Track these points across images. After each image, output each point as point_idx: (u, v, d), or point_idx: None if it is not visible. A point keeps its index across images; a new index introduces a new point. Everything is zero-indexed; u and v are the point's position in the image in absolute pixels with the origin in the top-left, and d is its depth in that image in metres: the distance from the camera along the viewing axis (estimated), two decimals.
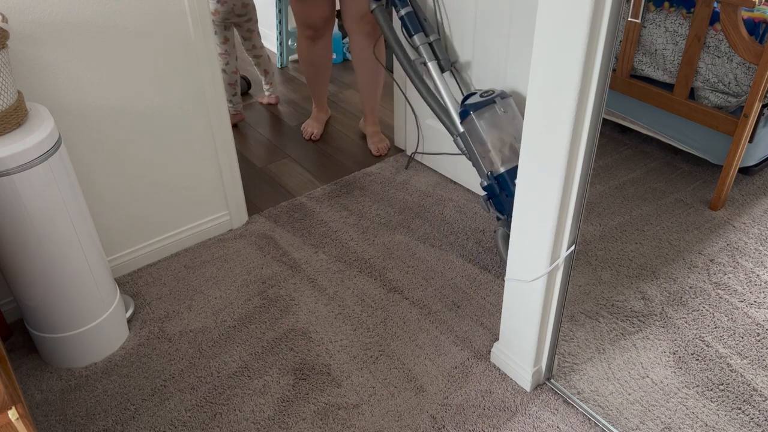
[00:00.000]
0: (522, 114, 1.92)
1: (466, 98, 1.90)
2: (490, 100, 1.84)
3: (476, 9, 1.98)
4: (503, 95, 1.87)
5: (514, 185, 1.77)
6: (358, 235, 2.11)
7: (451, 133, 1.95)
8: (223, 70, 2.74)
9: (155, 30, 1.71)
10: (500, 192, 1.84)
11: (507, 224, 1.87)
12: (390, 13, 2.09)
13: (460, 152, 1.97)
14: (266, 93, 3.03)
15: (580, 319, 1.77)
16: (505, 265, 1.79)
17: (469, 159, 1.92)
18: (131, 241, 1.95)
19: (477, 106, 1.83)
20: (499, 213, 1.89)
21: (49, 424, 1.51)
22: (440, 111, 1.96)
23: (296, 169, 2.50)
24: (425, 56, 1.98)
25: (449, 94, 1.95)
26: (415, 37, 1.98)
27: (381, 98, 2.90)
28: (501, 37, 1.96)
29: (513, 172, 1.80)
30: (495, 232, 1.94)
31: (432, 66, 1.98)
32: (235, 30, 2.77)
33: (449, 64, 2.02)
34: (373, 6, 2.04)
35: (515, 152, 1.83)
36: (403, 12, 1.98)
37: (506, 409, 1.53)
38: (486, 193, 1.88)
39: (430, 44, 1.99)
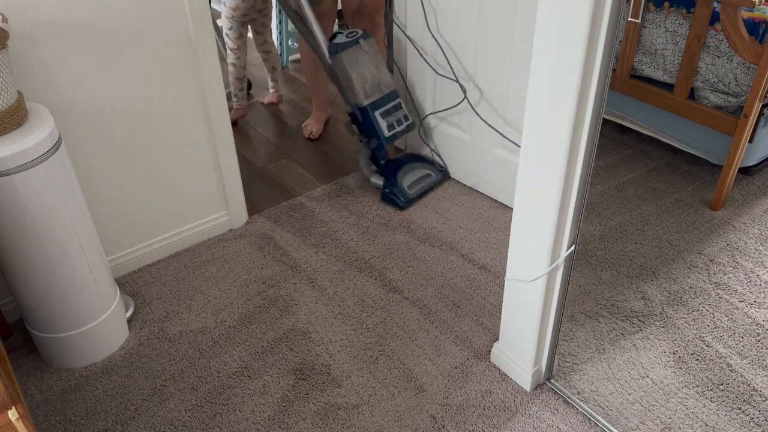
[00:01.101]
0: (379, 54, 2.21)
1: (333, 36, 2.16)
2: (355, 40, 2.13)
3: (479, 9, 1.98)
4: (365, 36, 2.15)
5: (375, 116, 2.15)
6: (358, 235, 2.11)
7: (325, 63, 2.16)
8: (233, 65, 2.78)
9: (155, 30, 1.71)
10: (363, 119, 2.16)
11: (367, 144, 2.24)
12: None
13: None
14: (270, 90, 3.04)
15: (580, 319, 1.77)
16: (366, 179, 2.31)
17: (338, 87, 2.19)
18: (131, 241, 1.95)
19: (343, 46, 2.11)
20: (361, 135, 2.23)
21: (49, 424, 1.51)
22: (313, 41, 2.15)
23: (296, 169, 2.50)
24: None
25: (318, 29, 2.13)
26: None
27: None
28: (503, 37, 1.96)
29: (373, 105, 2.15)
30: (358, 152, 2.30)
31: (303, 1, 2.14)
32: (249, 26, 2.81)
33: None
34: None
35: (376, 87, 2.17)
36: None
37: (506, 409, 1.53)
38: (350, 119, 2.22)
39: None
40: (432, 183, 2.31)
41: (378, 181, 2.27)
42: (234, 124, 2.87)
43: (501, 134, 2.10)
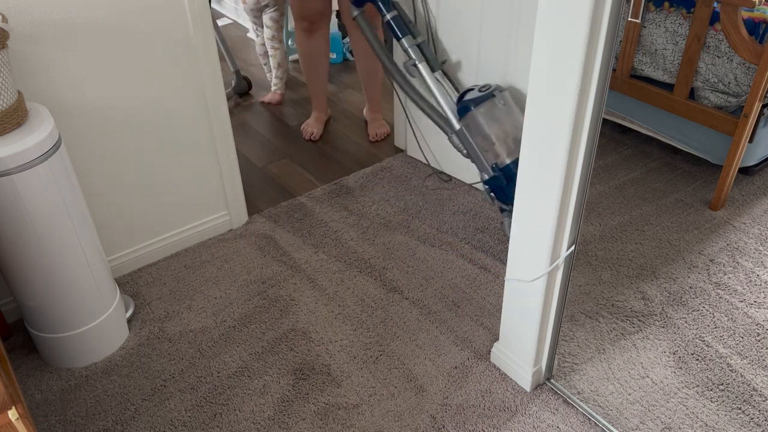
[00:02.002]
0: (519, 107, 1.95)
1: (462, 95, 1.92)
2: (490, 93, 1.87)
3: (482, 10, 1.98)
4: (500, 89, 1.91)
5: None
6: (358, 235, 2.11)
7: (446, 132, 1.97)
8: (272, 54, 3.00)
9: (155, 30, 1.71)
10: (507, 183, 1.87)
11: (511, 213, 1.86)
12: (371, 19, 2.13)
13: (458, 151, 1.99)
14: (273, 87, 3.07)
15: (580, 319, 1.77)
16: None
17: (467, 156, 1.95)
18: (131, 241, 1.95)
19: (477, 101, 1.86)
20: (503, 204, 1.93)
21: (49, 424, 1.51)
22: (432, 111, 1.99)
23: (296, 169, 2.50)
24: (415, 57, 1.99)
25: (442, 93, 1.97)
26: (404, 40, 1.99)
27: (382, 98, 2.90)
28: (505, 36, 1.96)
29: (518, 163, 1.81)
30: (502, 223, 1.97)
31: (422, 67, 2.00)
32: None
33: (438, 64, 2.03)
34: (356, 13, 2.07)
35: (518, 143, 1.85)
36: (389, 16, 2.00)
37: (506, 409, 1.53)
38: (488, 186, 1.91)
39: (418, 45, 2.01)
40: None
41: None
42: (268, 103, 3.05)
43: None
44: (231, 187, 2.09)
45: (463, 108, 1.88)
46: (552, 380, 1.59)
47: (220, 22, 4.05)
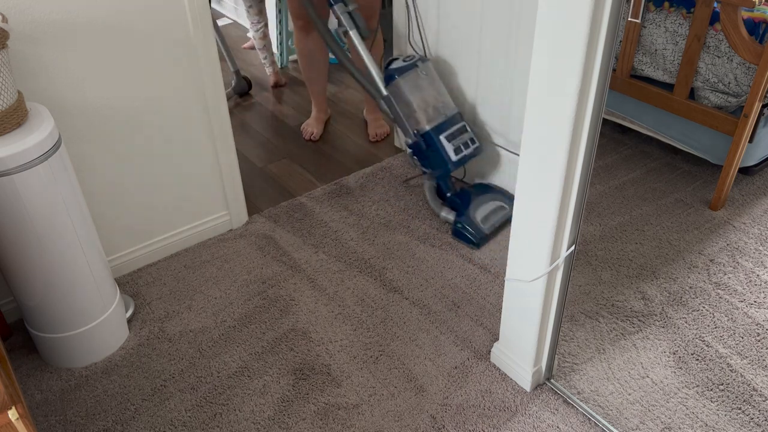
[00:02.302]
0: (441, 77, 2.14)
1: (388, 64, 2.06)
2: (413, 64, 2.02)
3: (482, 12, 1.98)
4: (423, 59, 2.06)
5: (440, 140, 2.00)
6: (358, 235, 2.11)
7: (374, 97, 2.09)
8: (253, 37, 3.11)
9: (155, 30, 1.71)
10: (427, 148, 2.01)
11: (431, 177, 2.10)
12: None
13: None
14: (268, 72, 3.19)
15: (580, 319, 1.77)
16: (436, 214, 2.12)
17: (393, 120, 2.09)
18: (131, 241, 1.95)
19: (401, 71, 2.01)
20: (425, 168, 2.08)
21: (49, 424, 1.51)
22: (362, 77, 2.09)
23: (296, 169, 2.50)
24: (346, 25, 2.08)
25: (370, 60, 2.07)
26: (336, 7, 2.07)
27: None
28: (505, 38, 1.96)
29: (438, 129, 2.02)
30: (422, 185, 2.10)
31: (353, 34, 2.08)
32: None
33: (367, 31, 2.13)
34: None
35: (438, 111, 2.03)
36: None
37: (506, 409, 1.53)
38: (411, 150, 2.07)
39: (350, 13, 2.08)
40: (506, 216, 2.12)
41: (449, 215, 2.08)
42: (274, 86, 3.20)
43: (502, 147, 2.10)
44: (231, 187, 2.09)
45: (388, 76, 2.01)
46: (552, 380, 1.59)
47: (220, 22, 4.05)
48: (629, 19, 2.27)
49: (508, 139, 2.12)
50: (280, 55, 3.43)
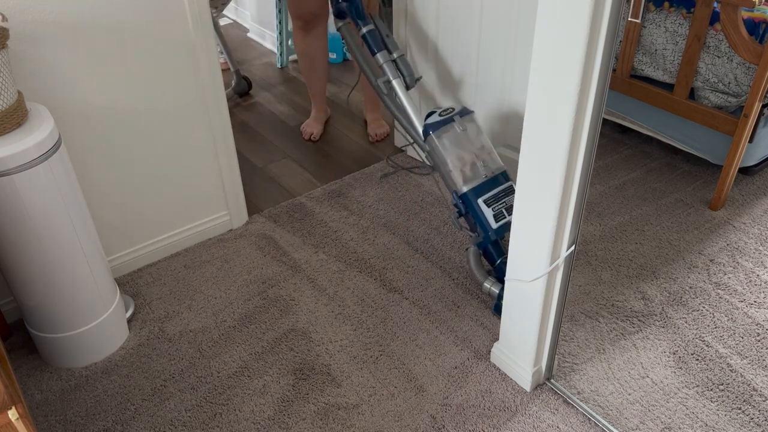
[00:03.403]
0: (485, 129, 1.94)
1: (427, 117, 1.86)
2: (449, 118, 1.82)
3: (481, 11, 1.98)
4: (463, 112, 1.84)
5: (478, 204, 1.76)
6: (358, 235, 2.11)
7: (423, 149, 1.90)
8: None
9: (155, 30, 1.71)
10: (466, 209, 1.80)
11: (476, 242, 1.81)
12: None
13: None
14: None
15: (580, 319, 1.77)
16: (478, 284, 1.81)
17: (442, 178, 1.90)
18: (131, 241, 1.95)
19: (436, 126, 1.80)
20: (470, 231, 1.86)
21: (49, 424, 1.51)
22: (410, 127, 1.94)
23: (296, 169, 2.50)
24: (389, 74, 1.95)
25: (415, 111, 1.92)
26: (378, 56, 1.95)
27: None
28: (505, 37, 1.96)
29: (476, 191, 1.77)
30: (466, 250, 1.87)
31: (397, 84, 1.94)
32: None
33: (414, 80, 1.98)
34: (339, 24, 2.04)
35: (476, 171, 1.79)
36: (364, 30, 1.96)
37: (506, 409, 1.53)
38: (457, 212, 1.84)
39: (394, 61, 1.96)
40: None
41: (494, 288, 1.78)
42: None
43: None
44: (231, 187, 2.09)
45: (423, 132, 1.84)
46: (552, 380, 1.59)
47: (220, 22, 4.04)
48: (629, 19, 2.27)
49: (510, 144, 2.12)
50: (280, 55, 3.44)
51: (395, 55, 1.97)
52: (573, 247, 1.32)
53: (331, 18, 2.39)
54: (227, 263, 2.00)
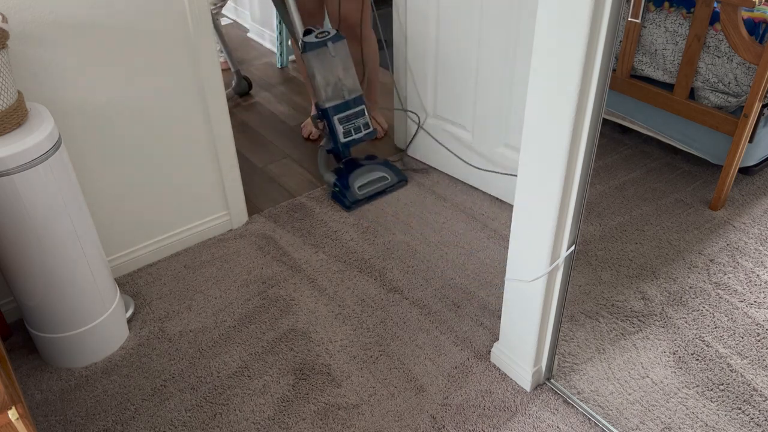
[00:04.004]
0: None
1: (306, 33, 2.14)
2: (323, 42, 2.11)
3: (481, 11, 1.98)
4: (336, 38, 2.13)
5: (333, 120, 2.16)
6: (358, 235, 2.11)
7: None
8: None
9: (155, 30, 1.71)
10: (325, 120, 2.19)
11: (327, 147, 2.27)
12: None
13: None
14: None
15: (580, 319, 1.77)
16: (321, 174, 2.28)
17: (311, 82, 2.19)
18: (131, 241, 1.95)
19: (312, 46, 2.10)
20: (324, 132, 2.24)
21: (49, 424, 1.51)
22: (292, 33, 2.18)
23: (296, 169, 2.50)
24: None
25: (298, 21, 2.14)
26: None
27: (381, 100, 2.90)
28: (505, 37, 1.96)
29: (334, 109, 2.16)
30: (320, 147, 2.32)
31: None
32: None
33: None
34: None
35: (337, 91, 2.16)
36: None
37: (506, 409, 1.53)
38: (319, 113, 2.22)
39: None
40: (385, 186, 2.29)
41: (330, 178, 2.27)
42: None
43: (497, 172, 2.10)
44: (231, 187, 2.09)
45: (302, 47, 2.11)
46: (552, 380, 1.59)
47: (221, 22, 4.04)
48: (629, 19, 2.27)
49: (507, 142, 2.12)
50: (280, 55, 3.44)
51: None
52: (573, 247, 1.32)
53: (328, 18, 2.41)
54: (227, 263, 2.00)
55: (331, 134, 2.22)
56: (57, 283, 1.51)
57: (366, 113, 2.24)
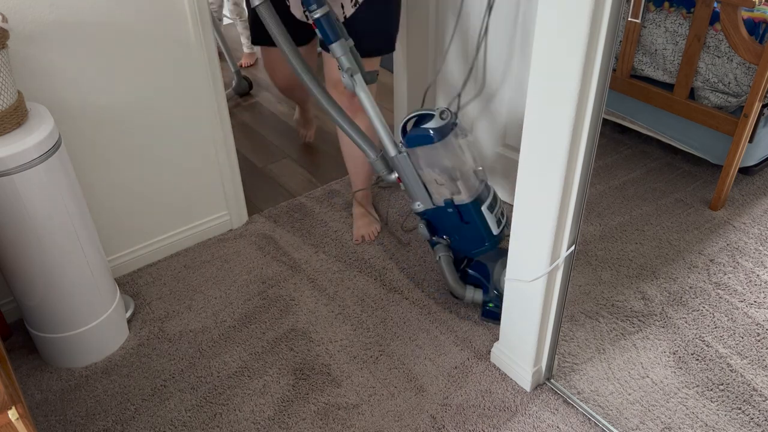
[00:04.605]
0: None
1: (417, 121, 1.63)
2: (452, 122, 1.61)
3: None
4: (455, 112, 1.65)
5: (481, 213, 1.64)
6: None
7: (368, 156, 1.69)
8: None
9: (155, 30, 1.71)
10: (465, 219, 1.66)
11: (446, 249, 1.75)
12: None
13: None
14: (246, 50, 3.38)
15: (580, 319, 1.77)
16: (459, 296, 1.75)
17: (402, 182, 1.69)
18: (131, 241, 1.95)
19: (442, 131, 1.59)
20: (441, 238, 1.74)
21: (49, 424, 1.51)
22: (355, 132, 1.67)
23: (296, 169, 2.50)
24: (350, 66, 1.59)
25: (377, 112, 1.66)
26: (336, 46, 1.56)
27: (380, 98, 2.90)
28: (505, 37, 1.96)
29: (479, 199, 1.65)
30: (436, 261, 1.75)
31: (358, 79, 1.61)
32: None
33: (375, 74, 1.67)
34: (257, 2, 1.55)
35: (474, 177, 1.66)
36: (319, 14, 1.53)
37: (506, 409, 1.53)
38: (425, 219, 1.73)
39: (351, 49, 1.60)
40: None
41: (477, 296, 1.73)
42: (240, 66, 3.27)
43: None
44: (231, 187, 2.09)
45: (420, 136, 1.58)
46: (552, 380, 1.59)
47: (224, 22, 4.04)
48: (629, 19, 2.27)
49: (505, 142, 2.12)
50: None
51: (351, 43, 1.60)
52: (573, 247, 1.32)
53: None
54: (227, 263, 2.00)
55: (469, 235, 1.67)
56: (57, 283, 1.51)
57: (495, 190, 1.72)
